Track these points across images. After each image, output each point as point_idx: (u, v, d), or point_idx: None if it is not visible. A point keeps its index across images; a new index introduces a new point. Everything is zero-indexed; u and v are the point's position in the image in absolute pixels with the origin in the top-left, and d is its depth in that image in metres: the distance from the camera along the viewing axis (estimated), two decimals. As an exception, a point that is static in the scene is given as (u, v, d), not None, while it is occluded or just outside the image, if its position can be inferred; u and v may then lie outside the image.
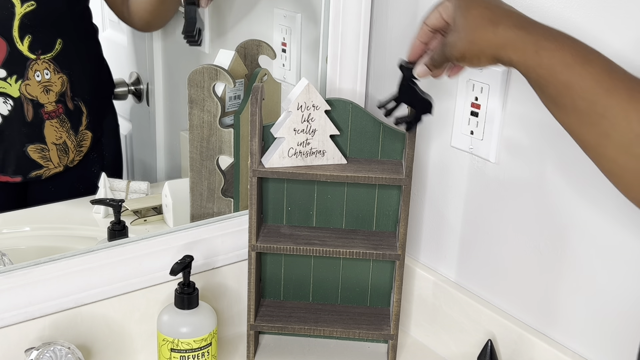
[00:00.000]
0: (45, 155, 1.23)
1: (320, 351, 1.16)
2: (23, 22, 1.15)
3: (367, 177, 1.03)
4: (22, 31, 1.15)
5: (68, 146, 1.25)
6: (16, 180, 1.23)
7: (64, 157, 1.25)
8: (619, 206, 0.89)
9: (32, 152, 1.22)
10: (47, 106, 1.21)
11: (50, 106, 1.21)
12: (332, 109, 1.05)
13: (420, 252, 1.19)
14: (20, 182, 1.23)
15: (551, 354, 0.99)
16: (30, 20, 1.16)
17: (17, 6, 1.14)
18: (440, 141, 1.12)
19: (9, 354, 0.97)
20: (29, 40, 1.16)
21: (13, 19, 1.14)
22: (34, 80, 1.18)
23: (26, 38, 1.15)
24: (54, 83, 1.21)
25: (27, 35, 1.15)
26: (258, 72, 1.17)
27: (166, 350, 1.01)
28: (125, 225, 1.14)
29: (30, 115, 1.19)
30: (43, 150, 1.22)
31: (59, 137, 1.23)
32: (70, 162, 1.27)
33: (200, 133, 1.15)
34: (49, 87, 1.20)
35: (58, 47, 1.20)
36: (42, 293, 0.99)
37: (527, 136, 0.98)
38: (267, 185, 1.10)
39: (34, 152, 1.22)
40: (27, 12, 1.14)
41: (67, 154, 1.25)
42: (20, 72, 1.17)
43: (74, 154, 1.27)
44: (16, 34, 1.15)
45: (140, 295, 1.07)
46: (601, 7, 0.86)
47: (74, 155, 1.27)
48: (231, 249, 1.14)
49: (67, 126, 1.24)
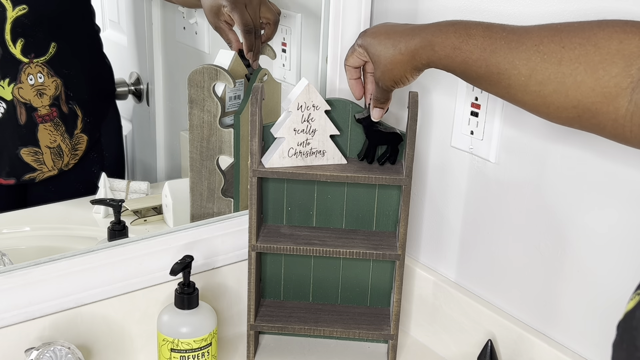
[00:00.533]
0: (38, 159, 1.22)
1: (320, 351, 1.16)
2: (15, 25, 1.14)
3: (367, 177, 1.03)
4: (15, 34, 1.15)
5: (62, 150, 1.24)
6: (9, 183, 1.23)
7: (58, 160, 1.25)
8: (619, 206, 0.89)
9: (25, 155, 1.21)
10: (40, 110, 1.20)
11: (43, 110, 1.20)
12: (332, 109, 1.05)
13: (420, 252, 1.19)
14: (14, 185, 1.23)
15: (551, 354, 0.99)
16: (22, 23, 1.15)
17: (8, 10, 1.13)
18: (440, 141, 1.12)
19: (9, 354, 0.97)
20: (21, 43, 1.15)
21: (5, 22, 1.14)
22: (27, 84, 1.18)
23: (19, 41, 1.15)
24: (47, 87, 1.20)
25: (19, 39, 1.15)
26: (258, 72, 1.17)
27: (166, 350, 1.01)
28: (125, 225, 1.14)
29: (24, 118, 1.19)
30: (36, 153, 1.22)
31: (53, 140, 1.23)
32: (65, 166, 1.26)
33: (200, 133, 1.15)
34: (43, 91, 1.19)
35: (52, 51, 1.20)
36: (42, 293, 0.99)
37: (527, 136, 0.98)
38: (267, 185, 1.10)
39: (27, 155, 1.21)
40: (19, 16, 1.14)
41: (62, 157, 1.25)
42: (13, 76, 1.16)
43: (68, 158, 1.26)
44: (8, 37, 1.14)
45: (140, 295, 1.07)
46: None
47: (68, 159, 1.26)
48: (231, 249, 1.14)
49: (61, 130, 1.23)
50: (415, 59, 0.85)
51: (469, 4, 1.02)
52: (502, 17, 0.97)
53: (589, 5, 0.87)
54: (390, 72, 0.89)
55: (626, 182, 0.87)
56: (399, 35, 0.87)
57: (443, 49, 0.81)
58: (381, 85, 0.92)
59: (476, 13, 1.01)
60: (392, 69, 0.88)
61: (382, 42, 0.89)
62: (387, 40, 0.88)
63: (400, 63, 0.87)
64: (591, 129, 0.72)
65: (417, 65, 0.86)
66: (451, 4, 1.05)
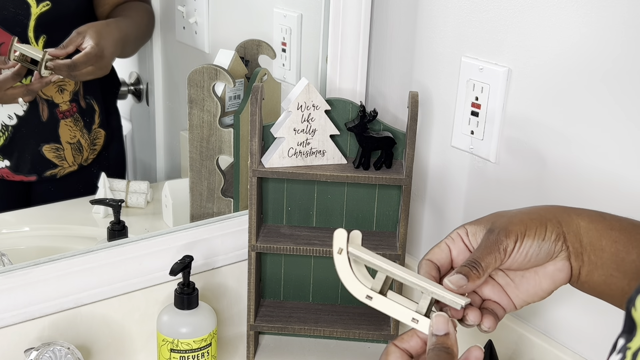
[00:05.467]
0: (60, 155, 1.24)
1: (320, 351, 1.16)
2: (38, 22, 1.16)
3: (367, 177, 1.03)
4: (38, 31, 1.16)
5: (82, 145, 1.26)
6: (31, 179, 1.24)
7: (78, 155, 1.26)
8: (618, 206, 0.89)
9: (47, 152, 1.23)
10: (61, 105, 1.22)
11: (64, 105, 1.22)
12: (332, 109, 1.05)
13: (420, 252, 1.19)
14: (36, 181, 1.24)
15: (551, 354, 0.98)
16: (45, 20, 1.16)
17: (32, 6, 1.15)
18: (440, 141, 1.12)
19: (9, 354, 0.97)
20: (43, 40, 1.16)
21: (29, 19, 1.15)
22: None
23: (41, 38, 1.16)
24: (68, 82, 1.22)
25: (42, 36, 1.16)
26: (258, 72, 1.17)
27: (166, 350, 1.01)
28: (125, 225, 1.14)
29: (46, 115, 1.20)
30: (58, 149, 1.23)
31: (73, 136, 1.25)
32: (85, 161, 1.28)
33: (200, 133, 1.15)
34: (64, 87, 1.21)
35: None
36: (41, 293, 0.99)
37: (527, 136, 0.98)
38: (267, 185, 1.10)
39: (49, 151, 1.23)
40: (43, 12, 1.15)
41: (81, 153, 1.27)
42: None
43: (87, 153, 1.28)
44: (31, 34, 1.15)
45: (140, 295, 1.07)
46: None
47: (87, 154, 1.28)
48: (231, 249, 1.14)
49: (80, 125, 1.25)
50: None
51: (469, 4, 1.02)
52: (502, 16, 0.97)
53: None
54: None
55: (626, 181, 0.87)
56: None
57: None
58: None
59: (476, 13, 1.01)
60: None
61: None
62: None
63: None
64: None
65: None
66: (451, 4, 1.05)
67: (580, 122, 0.91)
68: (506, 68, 0.98)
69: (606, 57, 0.86)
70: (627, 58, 0.84)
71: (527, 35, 0.95)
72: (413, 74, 1.13)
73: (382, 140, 1.04)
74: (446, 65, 1.07)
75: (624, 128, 0.86)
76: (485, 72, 1.01)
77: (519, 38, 0.96)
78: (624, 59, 0.84)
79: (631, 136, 0.85)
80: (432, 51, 1.09)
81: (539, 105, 0.96)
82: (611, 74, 0.86)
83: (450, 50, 1.06)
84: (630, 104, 0.85)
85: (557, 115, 0.93)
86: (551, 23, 0.92)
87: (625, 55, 0.84)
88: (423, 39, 1.10)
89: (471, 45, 1.03)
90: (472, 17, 1.02)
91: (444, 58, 1.07)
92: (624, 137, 0.86)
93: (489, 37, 1.00)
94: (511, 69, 0.98)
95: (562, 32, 0.90)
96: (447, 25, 1.06)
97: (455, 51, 1.05)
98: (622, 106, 0.86)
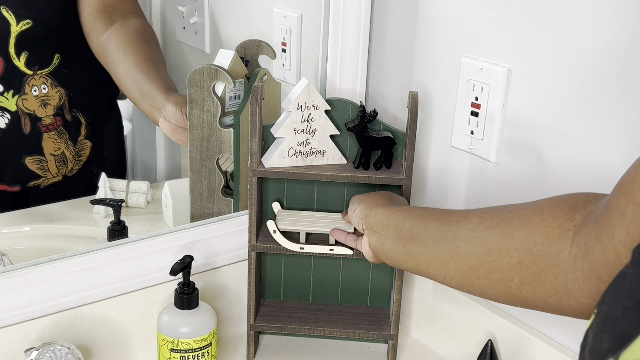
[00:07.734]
0: (43, 166, 1.23)
1: (320, 351, 1.16)
2: (19, 39, 1.14)
3: (367, 177, 1.03)
4: (19, 48, 1.15)
5: (67, 156, 1.25)
6: (15, 190, 1.23)
7: (62, 167, 1.25)
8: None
9: (29, 163, 1.22)
10: (44, 119, 1.20)
11: (47, 119, 1.21)
12: (332, 109, 1.05)
13: (420, 252, 1.19)
14: (19, 191, 1.23)
15: (551, 354, 0.98)
16: (26, 37, 1.15)
17: (12, 25, 1.13)
18: (440, 141, 1.12)
19: (9, 354, 0.97)
20: (25, 56, 1.15)
21: (9, 36, 1.14)
22: (31, 95, 1.18)
23: (23, 54, 1.15)
24: (51, 97, 1.21)
25: (23, 52, 1.15)
26: (258, 72, 1.17)
27: (166, 350, 1.01)
28: (125, 225, 1.14)
29: (28, 128, 1.19)
30: (41, 161, 1.22)
31: (57, 148, 1.23)
32: (69, 172, 1.27)
33: (200, 133, 1.15)
34: (47, 102, 1.20)
35: (56, 62, 1.20)
36: (42, 293, 0.99)
37: (527, 136, 0.98)
38: (267, 185, 1.10)
39: (31, 163, 1.22)
40: (23, 31, 1.14)
41: (66, 164, 1.25)
42: (17, 87, 1.17)
43: (72, 164, 1.26)
44: (12, 51, 1.14)
45: (140, 295, 1.07)
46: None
47: (72, 165, 1.27)
48: (231, 249, 1.14)
49: (65, 137, 1.24)
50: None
51: (469, 4, 1.02)
52: (502, 16, 0.97)
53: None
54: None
55: (626, 182, 0.87)
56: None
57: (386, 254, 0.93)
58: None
59: (476, 13, 1.01)
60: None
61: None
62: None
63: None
64: (530, 284, 0.72)
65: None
66: (451, 4, 1.05)
67: (580, 122, 0.91)
68: (506, 68, 0.98)
69: (606, 57, 0.86)
70: (627, 58, 0.84)
71: (527, 35, 0.95)
72: (413, 74, 1.13)
73: (382, 140, 1.04)
74: (446, 65, 1.07)
75: (624, 128, 0.86)
76: (485, 72, 1.01)
77: (519, 38, 0.96)
78: (624, 59, 0.85)
79: (631, 136, 0.85)
80: (432, 51, 1.09)
81: (539, 105, 0.96)
82: (611, 74, 0.86)
83: (450, 50, 1.06)
84: (630, 104, 0.85)
85: (557, 115, 0.94)
86: (551, 23, 0.92)
87: (625, 56, 0.84)
88: (423, 39, 1.10)
89: (471, 45, 1.03)
90: (472, 17, 1.02)
91: (443, 58, 1.08)
92: (624, 137, 0.86)
93: (489, 37, 1.00)
94: (511, 69, 0.98)
95: (562, 32, 0.91)
96: (446, 26, 1.06)
97: (455, 51, 1.05)
98: (622, 106, 0.86)
